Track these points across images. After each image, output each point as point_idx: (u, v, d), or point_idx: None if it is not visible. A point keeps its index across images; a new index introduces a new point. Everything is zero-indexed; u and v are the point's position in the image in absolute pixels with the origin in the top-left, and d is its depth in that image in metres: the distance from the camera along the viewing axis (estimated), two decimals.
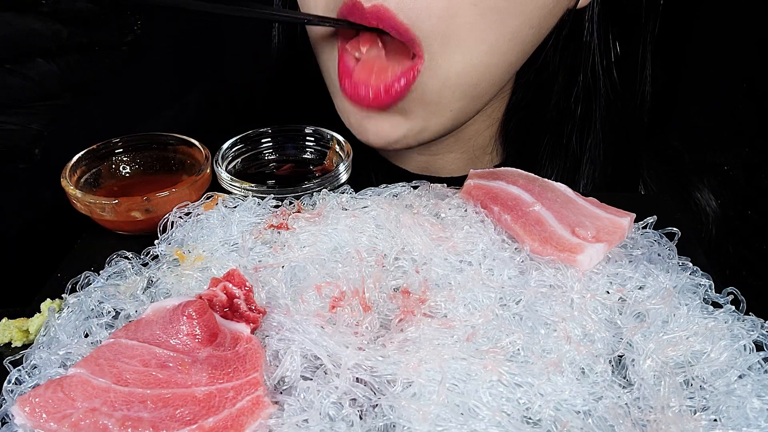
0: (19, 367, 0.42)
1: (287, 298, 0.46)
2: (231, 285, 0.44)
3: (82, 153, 0.60)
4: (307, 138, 0.66)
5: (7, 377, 0.41)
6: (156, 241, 0.54)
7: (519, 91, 0.70)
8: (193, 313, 0.41)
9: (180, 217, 0.55)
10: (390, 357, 0.41)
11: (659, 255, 0.51)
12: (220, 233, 0.53)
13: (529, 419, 0.38)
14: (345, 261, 0.49)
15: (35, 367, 0.42)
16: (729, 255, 0.75)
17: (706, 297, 0.47)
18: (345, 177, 0.60)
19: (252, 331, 0.43)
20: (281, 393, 0.40)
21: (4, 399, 0.40)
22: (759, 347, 0.42)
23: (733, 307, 0.45)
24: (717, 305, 0.46)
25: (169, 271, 0.50)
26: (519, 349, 0.42)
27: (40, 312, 0.47)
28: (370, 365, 0.40)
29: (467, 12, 0.52)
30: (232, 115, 0.84)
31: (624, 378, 0.41)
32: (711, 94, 0.83)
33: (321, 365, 0.41)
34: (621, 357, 0.43)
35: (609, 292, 0.47)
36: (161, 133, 0.63)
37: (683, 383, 0.41)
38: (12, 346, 0.46)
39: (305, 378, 0.40)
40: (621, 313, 0.45)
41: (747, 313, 0.45)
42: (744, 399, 0.39)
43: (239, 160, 0.64)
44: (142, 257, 0.53)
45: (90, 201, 0.55)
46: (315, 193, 0.57)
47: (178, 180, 0.58)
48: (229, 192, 0.58)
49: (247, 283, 0.45)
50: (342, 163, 0.60)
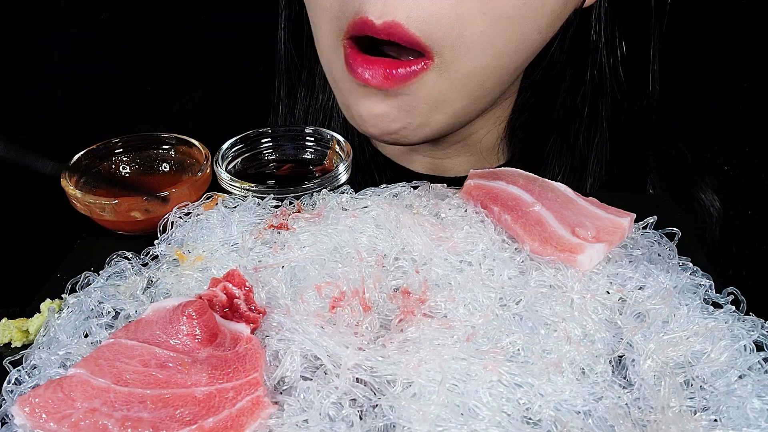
0: (19, 368, 0.42)
1: (287, 298, 0.46)
2: (231, 285, 0.44)
3: (82, 153, 0.60)
4: (307, 138, 0.65)
5: (7, 377, 0.41)
6: (156, 241, 0.54)
7: (526, 91, 0.69)
8: (193, 314, 0.41)
9: (180, 217, 0.55)
10: (390, 357, 0.41)
11: (659, 255, 0.51)
12: (220, 233, 0.53)
13: (530, 419, 0.38)
14: (345, 261, 0.49)
15: (35, 368, 0.42)
16: (730, 255, 0.74)
17: (706, 297, 0.47)
18: (345, 177, 0.60)
19: (252, 332, 0.43)
20: (281, 393, 0.40)
21: (3, 399, 0.40)
22: (759, 347, 0.42)
23: (734, 308, 0.45)
24: (717, 305, 0.46)
25: (169, 272, 0.50)
26: (519, 350, 0.42)
27: (39, 312, 0.47)
28: (370, 365, 0.40)
29: (478, 21, 0.52)
30: (232, 115, 0.84)
31: (624, 378, 0.41)
32: (711, 94, 0.82)
33: (321, 365, 0.41)
34: (621, 357, 0.43)
35: (609, 292, 0.47)
36: (161, 133, 0.63)
37: (683, 383, 0.40)
38: (12, 346, 0.46)
39: (305, 378, 0.40)
40: (621, 314, 0.45)
41: (747, 314, 0.45)
42: (744, 399, 0.39)
43: (239, 160, 0.64)
44: (142, 257, 0.53)
45: (90, 201, 0.55)
46: (315, 193, 0.57)
47: (178, 180, 0.58)
48: (229, 192, 0.58)
49: (247, 284, 0.45)
50: (342, 163, 0.60)
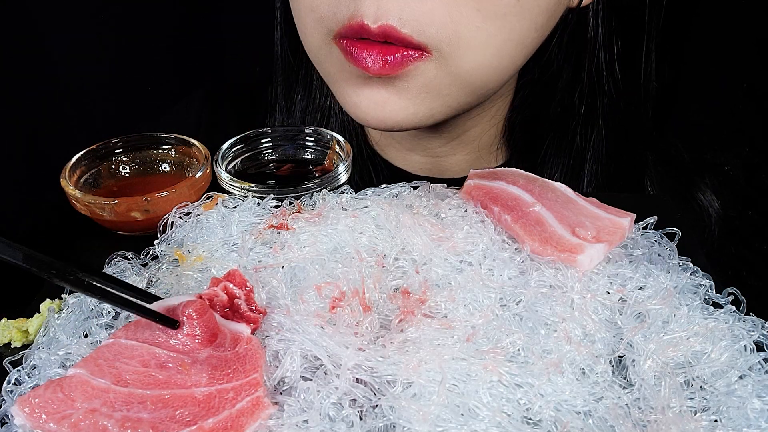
0: (19, 368, 0.42)
1: (287, 298, 0.46)
2: (232, 285, 0.44)
3: (81, 153, 0.60)
4: (307, 138, 0.65)
5: (7, 377, 0.41)
6: (156, 242, 0.54)
7: (523, 89, 0.69)
8: (194, 314, 0.41)
9: (180, 218, 0.55)
10: (390, 357, 0.41)
11: (660, 255, 0.51)
12: (219, 233, 0.53)
13: (530, 420, 0.38)
14: (345, 261, 0.49)
15: (35, 368, 0.42)
16: (730, 255, 0.74)
17: (706, 297, 0.47)
18: (345, 177, 0.60)
19: (252, 332, 0.43)
20: (281, 393, 0.40)
21: (3, 399, 0.40)
22: (759, 348, 0.42)
23: (734, 308, 0.45)
24: (717, 305, 0.46)
25: (169, 272, 0.50)
26: (519, 350, 0.42)
27: (39, 312, 0.47)
28: (370, 366, 0.40)
29: (471, 17, 0.52)
30: (232, 115, 0.84)
31: (624, 378, 0.41)
32: (711, 93, 0.82)
33: (321, 366, 0.41)
34: (621, 357, 0.43)
35: (609, 292, 0.47)
36: (161, 133, 0.63)
37: (684, 384, 0.40)
38: (12, 346, 0.46)
39: (305, 378, 0.40)
40: (621, 314, 0.45)
41: (747, 314, 0.45)
42: (744, 399, 0.39)
43: (239, 160, 0.64)
44: (141, 257, 0.53)
45: (89, 201, 0.55)
46: (315, 193, 0.57)
47: (177, 180, 0.58)
48: (229, 192, 0.58)
49: (248, 284, 0.45)
50: (342, 163, 0.60)
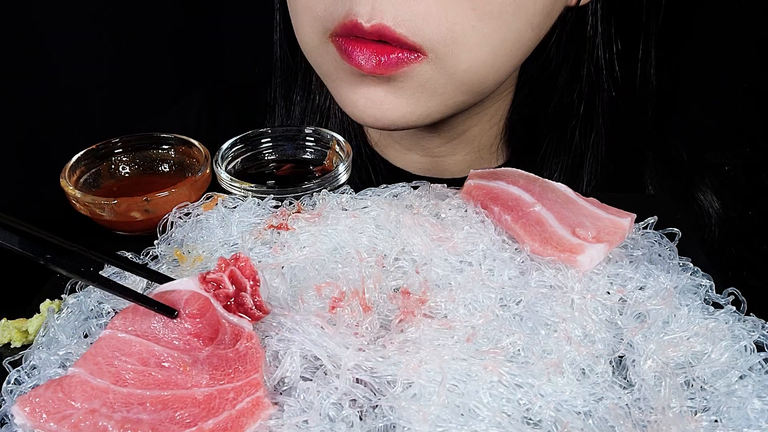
0: (19, 368, 0.42)
1: (287, 298, 0.46)
2: (240, 275, 0.43)
3: (81, 153, 0.60)
4: (307, 138, 0.65)
5: (7, 378, 0.41)
6: (155, 242, 0.54)
7: (523, 89, 0.69)
8: (195, 311, 0.40)
9: (180, 218, 0.55)
10: (390, 358, 0.40)
11: (660, 255, 0.50)
12: (219, 234, 0.53)
13: (530, 420, 0.38)
14: (345, 261, 0.49)
15: (34, 368, 0.42)
16: (731, 255, 0.74)
17: (706, 297, 0.47)
18: (345, 177, 0.60)
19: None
20: (281, 394, 0.39)
21: (3, 399, 0.40)
22: (760, 348, 0.42)
23: (734, 308, 0.45)
24: (718, 306, 0.46)
25: (169, 272, 0.50)
26: (519, 350, 0.42)
27: (39, 312, 0.47)
28: (370, 366, 0.40)
29: (467, 17, 0.52)
30: (232, 116, 0.84)
31: (624, 379, 0.41)
32: (711, 93, 0.82)
33: (321, 366, 0.41)
34: (621, 358, 0.43)
35: (609, 292, 0.47)
36: (161, 133, 0.63)
37: (684, 384, 0.40)
38: (11, 346, 0.46)
39: (305, 379, 0.40)
40: (621, 314, 0.45)
41: (748, 314, 0.45)
42: (745, 400, 0.38)
43: (239, 160, 0.64)
44: (141, 257, 0.53)
45: (89, 201, 0.55)
46: (315, 193, 0.57)
47: (177, 180, 0.58)
48: (229, 192, 0.58)
49: (257, 275, 0.43)
50: (342, 163, 0.60)
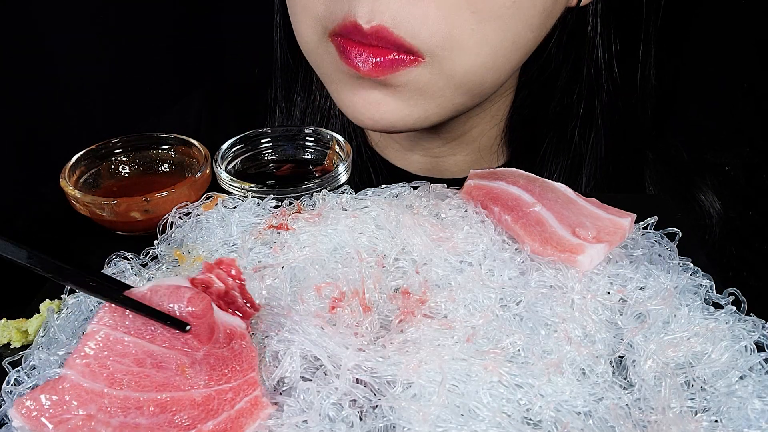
0: (18, 368, 0.42)
1: (287, 298, 0.46)
2: (225, 274, 0.42)
3: (81, 153, 0.60)
4: (307, 138, 0.65)
5: (6, 378, 0.41)
6: (155, 242, 0.54)
7: (523, 89, 0.69)
8: (199, 312, 0.40)
9: (179, 218, 0.55)
10: (390, 358, 0.40)
11: (660, 255, 0.50)
12: (219, 234, 0.53)
13: (530, 420, 0.38)
14: (345, 261, 0.49)
15: (34, 368, 0.42)
16: (731, 256, 0.74)
17: (707, 298, 0.47)
18: (345, 177, 0.60)
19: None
20: (281, 394, 0.39)
21: (3, 400, 0.40)
22: (760, 348, 0.42)
23: (734, 308, 0.45)
24: (718, 306, 0.46)
25: (169, 272, 0.50)
26: (519, 350, 0.41)
27: (39, 313, 0.47)
28: (370, 366, 0.40)
29: (467, 20, 0.52)
30: (231, 116, 0.84)
31: (625, 379, 0.41)
32: (711, 93, 0.82)
33: (321, 366, 0.40)
34: (622, 358, 0.43)
35: (609, 292, 0.47)
36: (161, 133, 0.63)
37: (684, 384, 0.40)
38: (11, 347, 0.46)
39: (305, 379, 0.40)
40: (622, 314, 0.45)
41: (748, 314, 0.45)
42: (745, 400, 0.38)
43: (239, 160, 0.63)
44: (141, 258, 0.53)
45: (89, 201, 0.55)
46: (315, 194, 0.57)
47: (177, 180, 0.58)
48: (229, 192, 0.58)
49: (242, 276, 0.43)
50: (342, 163, 0.60)
